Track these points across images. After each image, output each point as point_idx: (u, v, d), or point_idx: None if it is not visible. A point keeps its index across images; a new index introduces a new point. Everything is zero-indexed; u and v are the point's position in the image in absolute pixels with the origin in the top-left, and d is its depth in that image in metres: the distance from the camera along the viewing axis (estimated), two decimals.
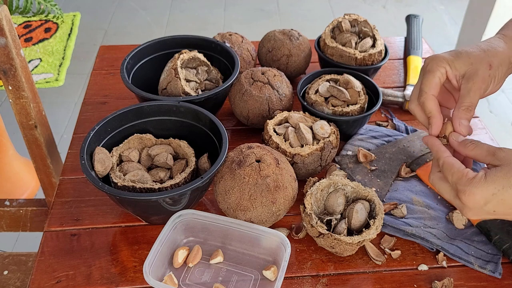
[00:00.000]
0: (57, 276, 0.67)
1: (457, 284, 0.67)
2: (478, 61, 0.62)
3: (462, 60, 0.63)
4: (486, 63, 0.62)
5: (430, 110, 0.64)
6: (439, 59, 0.64)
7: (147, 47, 0.93)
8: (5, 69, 0.88)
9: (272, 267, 0.66)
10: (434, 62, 0.64)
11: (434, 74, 0.64)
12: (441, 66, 0.63)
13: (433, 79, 0.64)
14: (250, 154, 0.70)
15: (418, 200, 0.78)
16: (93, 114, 0.98)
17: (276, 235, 0.66)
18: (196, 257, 0.68)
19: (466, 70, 0.63)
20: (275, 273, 0.66)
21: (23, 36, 2.65)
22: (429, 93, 0.64)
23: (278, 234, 0.66)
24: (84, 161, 0.69)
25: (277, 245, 0.66)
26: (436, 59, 0.64)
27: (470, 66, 0.62)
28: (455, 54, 0.64)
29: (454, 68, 0.63)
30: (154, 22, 2.88)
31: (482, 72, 0.62)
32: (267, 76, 0.88)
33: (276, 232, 0.66)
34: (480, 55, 0.62)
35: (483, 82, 0.62)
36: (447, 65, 0.63)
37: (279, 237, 0.66)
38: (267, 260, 0.68)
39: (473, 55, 0.63)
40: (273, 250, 0.67)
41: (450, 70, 0.63)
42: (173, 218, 0.68)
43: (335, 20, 1.03)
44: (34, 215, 1.12)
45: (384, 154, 0.85)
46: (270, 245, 0.67)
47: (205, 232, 0.70)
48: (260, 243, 0.68)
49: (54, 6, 1.66)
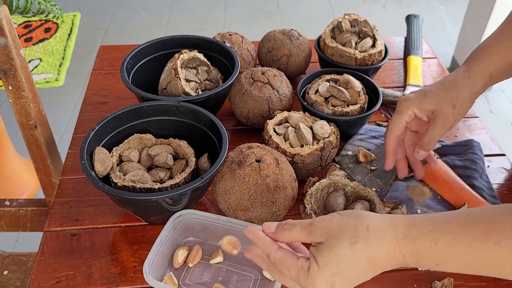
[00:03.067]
0: (57, 276, 0.67)
1: (457, 284, 0.67)
2: (443, 102, 0.69)
3: (429, 100, 0.70)
4: (450, 104, 0.69)
5: (387, 149, 0.75)
6: (408, 102, 0.71)
7: (147, 47, 0.93)
8: (5, 69, 0.88)
9: None
10: (404, 105, 0.72)
11: (401, 116, 0.72)
12: (409, 109, 0.71)
13: (400, 121, 0.72)
14: (250, 154, 0.70)
15: (418, 200, 0.78)
16: (93, 114, 0.97)
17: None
18: (196, 257, 0.68)
19: (433, 109, 0.70)
20: None
21: (23, 36, 2.65)
22: (392, 133, 0.73)
23: None
24: (84, 161, 0.69)
25: None
26: (406, 101, 0.72)
27: (436, 106, 0.70)
28: (422, 95, 0.71)
29: (422, 109, 0.71)
30: (154, 22, 2.88)
31: (446, 112, 0.69)
32: (267, 76, 0.88)
33: None
34: (445, 96, 0.70)
35: (447, 121, 0.70)
36: (415, 108, 0.71)
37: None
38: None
39: (438, 96, 0.70)
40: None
41: (418, 111, 0.71)
42: (173, 218, 0.68)
43: (335, 20, 1.03)
44: (34, 215, 1.12)
45: (384, 154, 0.85)
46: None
47: (205, 232, 0.70)
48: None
49: (54, 6, 1.66)
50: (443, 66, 1.15)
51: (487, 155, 0.89)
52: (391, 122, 0.74)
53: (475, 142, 0.87)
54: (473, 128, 0.95)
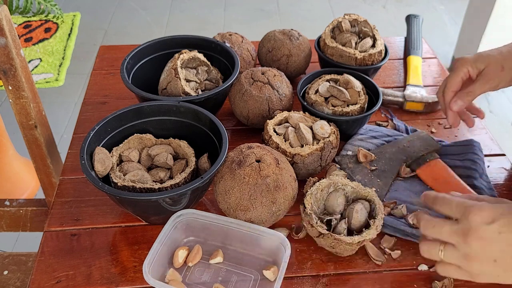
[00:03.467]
0: (57, 276, 0.67)
1: (457, 284, 0.67)
2: (493, 62, 0.75)
3: (481, 60, 0.76)
4: (499, 65, 0.74)
5: (447, 103, 0.79)
6: (464, 61, 0.77)
7: (147, 47, 0.93)
8: (5, 69, 0.88)
9: (272, 267, 0.66)
10: (459, 63, 0.77)
11: (458, 73, 0.77)
12: (464, 67, 0.77)
13: (456, 77, 0.77)
14: (250, 154, 0.70)
15: (418, 200, 0.78)
16: (93, 114, 0.97)
17: (276, 236, 0.66)
18: (196, 257, 0.68)
19: (484, 67, 0.76)
20: (275, 273, 0.66)
21: (23, 36, 2.65)
22: (450, 89, 0.78)
23: (278, 235, 0.66)
24: (84, 161, 0.69)
25: (277, 246, 0.66)
26: (461, 60, 0.77)
27: (486, 65, 0.75)
28: (477, 55, 0.77)
29: (475, 67, 0.76)
30: (154, 22, 2.88)
31: (494, 71, 0.75)
32: (267, 76, 0.88)
33: (276, 232, 0.66)
34: (496, 57, 0.75)
35: (491, 79, 0.75)
36: (469, 66, 0.76)
37: (279, 238, 0.66)
38: (267, 260, 0.68)
39: (491, 57, 0.76)
40: (273, 251, 0.67)
41: (471, 69, 0.76)
42: (173, 217, 0.68)
43: (335, 20, 1.03)
44: (34, 215, 1.12)
45: (384, 154, 0.85)
46: (270, 246, 0.67)
47: (205, 232, 0.70)
48: (260, 244, 0.68)
49: (54, 6, 1.66)
50: (443, 66, 1.15)
51: (487, 155, 0.89)
52: (447, 80, 0.79)
53: (475, 142, 0.87)
54: (473, 128, 0.95)
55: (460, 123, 0.81)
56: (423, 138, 0.87)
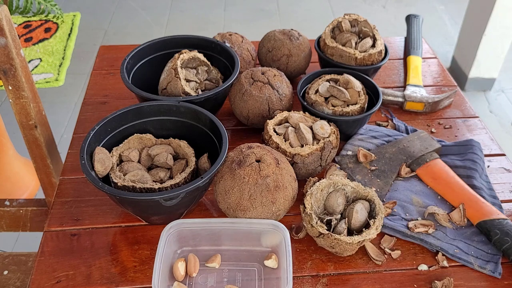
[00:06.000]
0: (57, 276, 0.67)
1: (457, 284, 0.67)
2: None
3: None
4: None
5: None
6: None
7: (147, 47, 0.93)
8: (5, 69, 0.88)
9: (272, 255, 0.66)
10: None
11: None
12: None
13: None
14: (250, 154, 0.70)
15: (418, 200, 0.78)
16: (93, 114, 0.97)
17: (268, 223, 0.66)
18: (196, 266, 0.67)
19: None
20: (277, 260, 0.66)
21: (23, 36, 2.65)
22: None
23: (271, 222, 0.66)
24: (84, 161, 0.69)
25: (272, 233, 0.66)
26: None
27: None
28: None
29: None
30: (154, 22, 2.88)
31: None
32: (267, 76, 0.88)
33: (268, 220, 0.66)
34: None
35: None
36: None
37: (272, 224, 0.66)
38: (264, 250, 0.68)
39: None
40: (269, 238, 0.67)
41: None
42: (164, 231, 0.67)
43: (335, 20, 1.03)
44: (34, 215, 1.11)
45: (384, 154, 0.85)
46: (265, 235, 0.67)
47: (197, 238, 0.69)
48: (254, 236, 0.68)
49: (54, 6, 1.66)
50: (443, 66, 1.15)
51: (487, 155, 0.89)
52: None
53: (475, 142, 0.87)
54: (473, 128, 0.95)
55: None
56: (423, 138, 0.87)
